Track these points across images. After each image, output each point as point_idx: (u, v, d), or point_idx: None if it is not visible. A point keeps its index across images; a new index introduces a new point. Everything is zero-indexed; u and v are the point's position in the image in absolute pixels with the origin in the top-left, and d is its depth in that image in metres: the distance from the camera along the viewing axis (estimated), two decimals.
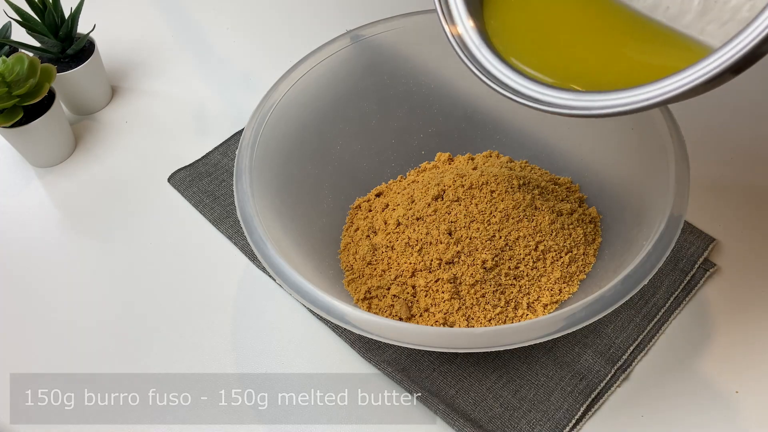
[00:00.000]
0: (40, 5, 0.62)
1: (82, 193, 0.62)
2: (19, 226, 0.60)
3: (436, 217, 0.50)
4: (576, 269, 0.48)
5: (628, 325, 0.48)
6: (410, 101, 0.58)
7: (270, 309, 0.52)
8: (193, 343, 0.51)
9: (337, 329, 0.50)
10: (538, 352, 0.48)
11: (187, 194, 0.60)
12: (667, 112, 0.45)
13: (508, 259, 0.48)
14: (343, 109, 0.55)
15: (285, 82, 0.51)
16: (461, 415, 0.45)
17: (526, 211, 0.49)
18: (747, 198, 0.55)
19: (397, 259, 0.50)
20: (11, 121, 0.58)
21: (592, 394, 0.45)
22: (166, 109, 0.69)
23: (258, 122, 0.49)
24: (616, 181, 0.51)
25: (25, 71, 0.57)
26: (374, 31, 0.54)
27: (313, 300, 0.40)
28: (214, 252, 0.56)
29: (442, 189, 0.51)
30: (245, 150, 0.47)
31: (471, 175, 0.52)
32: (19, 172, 0.64)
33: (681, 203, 0.41)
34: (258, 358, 0.50)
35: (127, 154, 0.65)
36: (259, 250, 0.42)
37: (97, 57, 0.66)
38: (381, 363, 0.48)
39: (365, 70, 0.55)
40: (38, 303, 0.55)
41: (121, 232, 0.59)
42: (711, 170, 0.57)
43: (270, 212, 0.46)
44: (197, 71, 0.73)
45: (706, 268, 0.51)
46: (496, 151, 0.58)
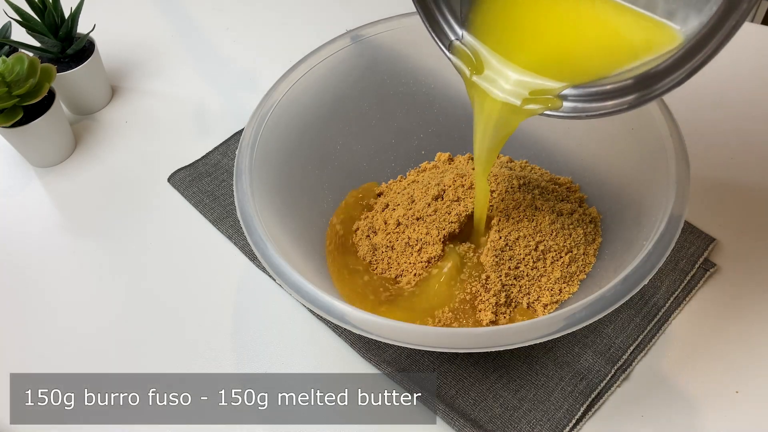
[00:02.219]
0: (40, 5, 0.62)
1: (82, 193, 0.62)
2: (19, 226, 0.60)
3: (436, 217, 0.50)
4: (576, 269, 0.48)
5: (628, 325, 0.48)
6: (410, 101, 0.58)
7: (270, 309, 0.52)
8: (194, 343, 0.51)
9: (337, 329, 0.50)
10: (538, 352, 0.48)
11: (187, 194, 0.60)
12: (667, 112, 0.45)
13: (508, 259, 0.48)
14: (343, 109, 0.55)
15: (285, 82, 0.51)
16: (461, 415, 0.45)
17: (526, 211, 0.49)
18: (747, 198, 0.55)
19: (397, 259, 0.50)
20: (11, 121, 0.58)
21: (592, 394, 0.45)
22: (166, 109, 0.69)
23: (258, 122, 0.49)
24: (616, 181, 0.51)
25: (25, 71, 0.57)
26: (374, 31, 0.54)
27: (313, 300, 0.40)
28: (214, 252, 0.56)
29: (442, 189, 0.51)
30: (245, 150, 0.47)
31: (471, 175, 0.52)
32: (19, 172, 0.64)
33: (681, 203, 0.41)
34: (258, 358, 0.50)
35: (127, 154, 0.65)
36: (259, 250, 0.42)
37: (97, 57, 0.66)
38: (381, 363, 0.48)
39: (365, 70, 0.55)
40: (38, 303, 0.55)
41: (121, 232, 0.59)
42: (711, 170, 0.57)
43: (270, 212, 0.46)
44: (197, 71, 0.73)
45: (706, 268, 0.51)
46: None
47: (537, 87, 0.40)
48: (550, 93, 0.39)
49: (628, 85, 0.36)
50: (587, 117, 0.38)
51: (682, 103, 0.52)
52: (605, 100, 0.37)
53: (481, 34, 0.42)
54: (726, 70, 0.64)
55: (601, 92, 0.37)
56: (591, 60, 0.38)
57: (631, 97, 0.36)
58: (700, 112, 0.61)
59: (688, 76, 0.33)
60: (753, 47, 0.66)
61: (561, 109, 0.39)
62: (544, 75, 0.39)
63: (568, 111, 0.39)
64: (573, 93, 0.39)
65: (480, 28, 0.42)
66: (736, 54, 0.64)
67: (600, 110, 0.37)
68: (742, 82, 0.63)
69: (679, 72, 0.33)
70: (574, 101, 0.38)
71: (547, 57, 0.40)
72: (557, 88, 0.39)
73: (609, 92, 0.37)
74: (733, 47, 0.31)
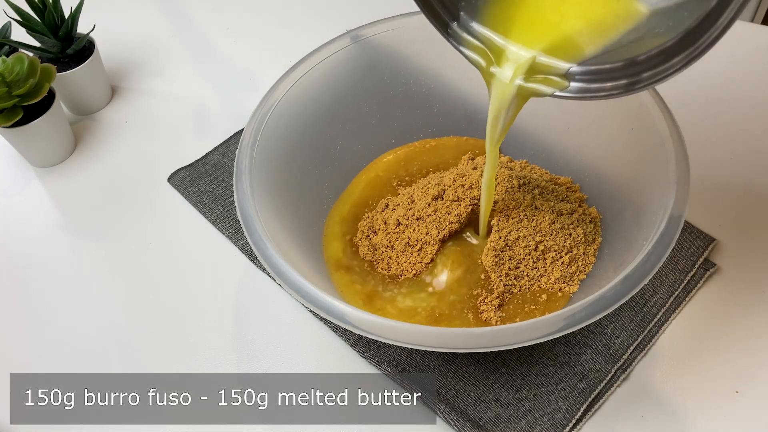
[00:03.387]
0: (40, 5, 0.62)
1: (82, 193, 0.62)
2: (19, 226, 0.60)
3: (436, 217, 0.50)
4: (576, 269, 0.48)
5: (628, 325, 0.48)
6: (410, 101, 0.58)
7: (270, 309, 0.52)
8: (194, 343, 0.51)
9: (337, 329, 0.50)
10: (538, 352, 0.48)
11: (187, 194, 0.60)
12: (667, 112, 0.45)
13: (508, 259, 0.48)
14: (343, 109, 0.55)
15: (285, 82, 0.51)
16: (461, 415, 0.45)
17: (526, 211, 0.49)
18: (747, 198, 0.55)
19: (397, 259, 0.50)
20: (11, 121, 0.58)
21: (592, 394, 0.45)
22: (166, 109, 0.69)
23: (258, 122, 0.49)
24: (616, 181, 0.51)
25: (25, 71, 0.57)
26: (374, 31, 0.54)
27: (313, 300, 0.40)
28: (214, 252, 0.56)
29: (442, 189, 0.51)
30: (245, 150, 0.47)
31: (471, 175, 0.52)
32: (19, 172, 0.64)
33: (681, 203, 0.41)
34: (258, 358, 0.50)
35: (127, 154, 0.65)
36: (259, 250, 0.42)
37: (97, 57, 0.66)
38: (381, 363, 0.48)
39: (365, 70, 0.55)
40: (38, 303, 0.55)
41: (121, 232, 0.59)
42: (711, 170, 0.57)
43: (270, 212, 0.46)
44: (197, 71, 0.73)
45: (706, 268, 0.51)
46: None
47: (542, 66, 0.41)
48: (555, 72, 0.40)
49: (619, 66, 0.37)
50: (590, 98, 0.39)
51: (682, 103, 0.52)
52: (604, 81, 0.38)
53: (482, 16, 0.43)
54: (726, 70, 0.64)
55: (601, 71, 0.38)
56: (582, 35, 0.39)
57: (624, 81, 0.37)
58: (700, 112, 0.61)
59: (681, 68, 0.34)
60: (753, 47, 0.66)
61: (567, 89, 0.40)
62: (549, 54, 0.41)
63: (573, 91, 0.40)
64: (577, 71, 0.39)
65: (479, 10, 0.43)
66: (736, 54, 0.65)
67: (600, 91, 0.38)
68: (742, 82, 0.63)
69: (669, 63, 0.34)
70: (579, 81, 0.39)
71: (547, 34, 0.41)
72: (562, 67, 0.40)
73: (607, 71, 0.38)
74: (733, 47, 0.31)
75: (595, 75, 0.38)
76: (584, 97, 0.39)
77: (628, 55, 0.36)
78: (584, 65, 0.39)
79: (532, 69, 0.41)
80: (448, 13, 0.44)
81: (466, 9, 0.43)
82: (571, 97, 0.40)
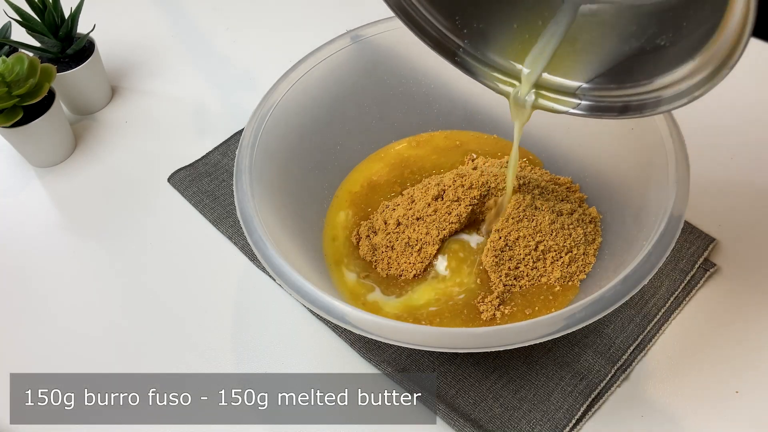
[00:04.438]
0: (40, 5, 0.62)
1: (82, 193, 0.62)
2: (19, 226, 0.60)
3: (436, 217, 0.50)
4: (576, 269, 0.48)
5: (628, 325, 0.48)
6: (410, 101, 0.58)
7: (270, 309, 0.52)
8: (194, 343, 0.51)
9: (337, 329, 0.50)
10: (538, 352, 0.48)
11: (187, 194, 0.60)
12: (667, 113, 0.45)
13: (508, 259, 0.48)
14: (343, 109, 0.55)
15: (285, 82, 0.51)
16: (461, 415, 0.45)
17: (526, 211, 0.49)
18: (747, 198, 0.55)
19: (397, 259, 0.50)
20: (11, 121, 0.58)
21: (592, 394, 0.45)
22: (166, 109, 0.69)
23: (258, 122, 0.49)
24: (616, 181, 0.51)
25: (25, 71, 0.57)
26: (374, 31, 0.54)
27: (313, 300, 0.40)
28: (214, 252, 0.56)
29: (442, 189, 0.51)
30: (245, 150, 0.47)
31: (471, 175, 0.52)
32: (19, 172, 0.64)
33: (681, 203, 0.41)
34: (258, 358, 0.50)
35: (127, 154, 0.65)
36: (259, 250, 0.42)
37: (97, 57, 0.66)
38: (381, 363, 0.48)
39: (365, 70, 0.55)
40: (38, 303, 0.55)
41: (121, 232, 0.59)
42: (711, 170, 0.57)
43: (270, 212, 0.46)
44: (197, 71, 0.73)
45: (706, 268, 0.51)
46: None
47: (553, 85, 0.43)
48: (565, 91, 0.43)
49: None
50: (597, 116, 0.42)
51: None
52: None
53: (491, 44, 0.45)
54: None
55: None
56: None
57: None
58: (700, 112, 0.61)
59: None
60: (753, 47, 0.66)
61: (578, 107, 0.42)
62: (556, 74, 0.43)
63: (583, 109, 0.42)
64: (586, 89, 0.42)
65: (485, 37, 0.45)
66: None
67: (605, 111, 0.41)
68: (741, 82, 0.63)
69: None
70: (587, 100, 0.42)
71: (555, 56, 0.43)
72: (572, 86, 0.42)
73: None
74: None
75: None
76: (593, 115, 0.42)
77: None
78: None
79: (544, 86, 0.43)
80: (452, 43, 0.45)
81: (469, 38, 0.45)
82: (581, 114, 0.42)
